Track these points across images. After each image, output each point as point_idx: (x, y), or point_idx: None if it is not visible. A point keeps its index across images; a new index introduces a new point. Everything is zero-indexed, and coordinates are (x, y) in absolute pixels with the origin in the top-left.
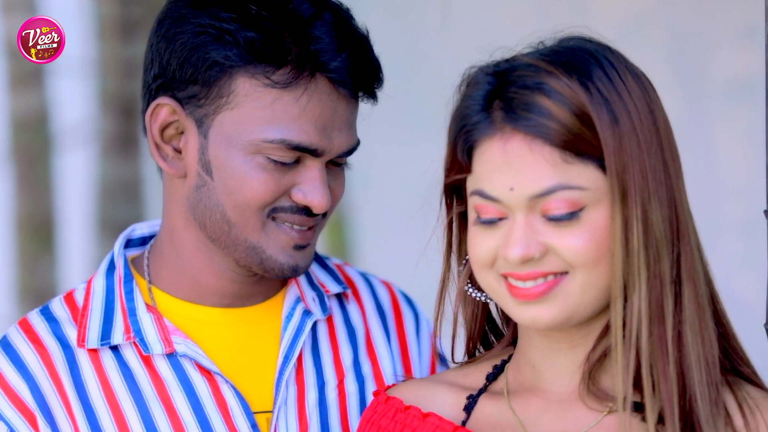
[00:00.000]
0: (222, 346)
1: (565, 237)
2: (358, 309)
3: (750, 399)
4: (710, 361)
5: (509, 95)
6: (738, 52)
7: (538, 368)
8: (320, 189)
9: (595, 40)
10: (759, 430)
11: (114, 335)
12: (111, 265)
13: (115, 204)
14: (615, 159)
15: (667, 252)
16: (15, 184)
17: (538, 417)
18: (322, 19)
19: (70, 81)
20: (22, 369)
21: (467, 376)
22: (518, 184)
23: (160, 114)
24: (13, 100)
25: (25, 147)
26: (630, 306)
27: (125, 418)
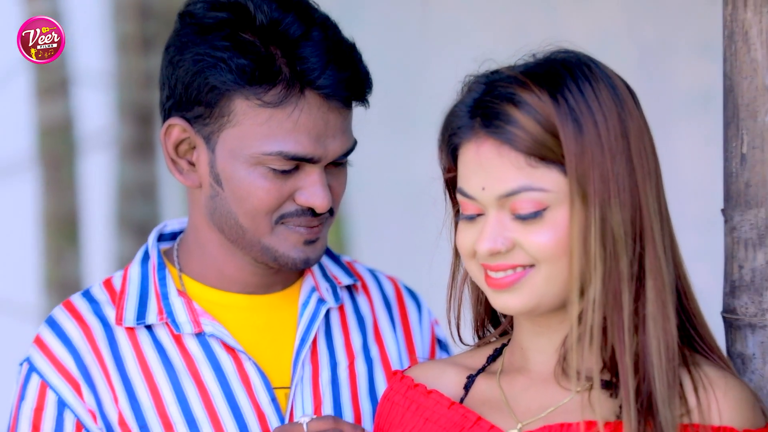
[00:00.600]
0: (245, 328)
1: (530, 234)
2: (366, 300)
3: (705, 379)
4: (669, 349)
5: (486, 103)
6: (697, 65)
7: (525, 350)
8: (320, 191)
9: (578, 53)
10: (710, 407)
11: (148, 316)
12: (145, 255)
13: (132, 203)
14: (576, 165)
15: (626, 251)
16: (42, 186)
17: (521, 394)
18: (310, 38)
19: (92, 92)
20: (67, 343)
21: (472, 358)
22: (488, 184)
23: (173, 133)
24: (41, 110)
25: (51, 152)
26: (587, 298)
27: (159, 389)
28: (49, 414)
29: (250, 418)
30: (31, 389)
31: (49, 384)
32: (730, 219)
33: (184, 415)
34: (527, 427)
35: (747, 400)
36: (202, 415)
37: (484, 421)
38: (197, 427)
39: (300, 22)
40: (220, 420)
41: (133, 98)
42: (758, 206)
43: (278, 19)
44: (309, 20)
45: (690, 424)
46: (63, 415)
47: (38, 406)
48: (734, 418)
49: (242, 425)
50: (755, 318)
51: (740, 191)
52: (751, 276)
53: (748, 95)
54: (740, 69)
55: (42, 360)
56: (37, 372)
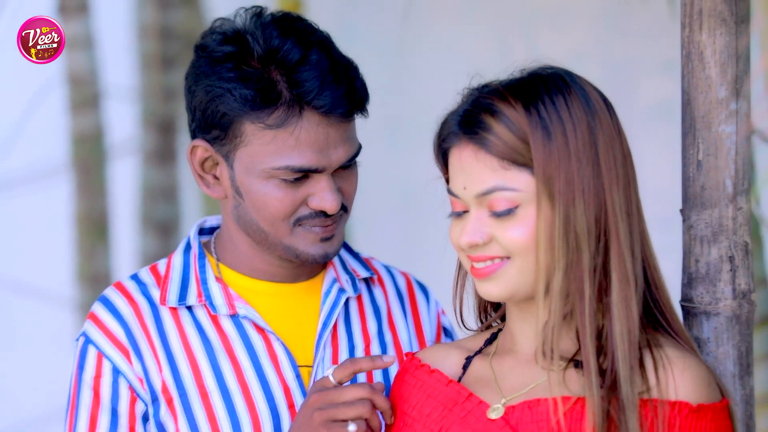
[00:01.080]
0: (274, 312)
1: (505, 229)
2: (381, 292)
3: (665, 359)
4: (632, 333)
5: (469, 113)
6: (659, 81)
7: (513, 333)
8: (329, 196)
9: (558, 69)
10: (668, 384)
11: (189, 297)
12: (187, 246)
13: (155, 204)
14: (543, 168)
15: (588, 245)
16: (76, 189)
17: (508, 372)
18: (307, 62)
19: (119, 105)
20: (118, 317)
21: (473, 341)
22: (468, 184)
23: (197, 152)
24: (74, 121)
25: (83, 159)
26: (551, 288)
27: (198, 362)
28: (106, 380)
29: (276, 391)
30: (90, 359)
31: (104, 354)
32: (687, 218)
33: (219, 386)
34: (509, 403)
35: (703, 377)
36: (235, 386)
37: (474, 396)
38: (230, 397)
39: (299, 47)
40: (250, 391)
41: (156, 111)
42: (712, 207)
43: (277, 47)
44: (307, 44)
45: (650, 399)
46: (118, 381)
47: (96, 374)
48: (690, 394)
49: (270, 397)
50: (710, 306)
51: (696, 194)
52: (706, 269)
53: (704, 108)
54: (696, 85)
55: (97, 333)
56: (93, 344)
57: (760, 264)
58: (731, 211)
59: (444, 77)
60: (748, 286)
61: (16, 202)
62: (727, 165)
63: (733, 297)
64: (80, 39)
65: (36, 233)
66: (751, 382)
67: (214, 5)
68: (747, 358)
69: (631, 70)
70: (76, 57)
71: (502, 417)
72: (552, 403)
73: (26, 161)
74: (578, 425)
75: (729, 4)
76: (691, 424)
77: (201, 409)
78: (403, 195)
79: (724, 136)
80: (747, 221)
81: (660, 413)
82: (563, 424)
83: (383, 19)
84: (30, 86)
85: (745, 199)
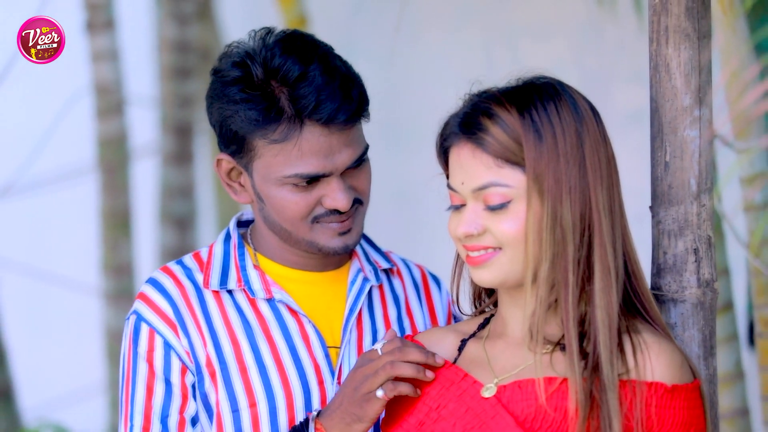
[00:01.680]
0: (305, 297)
1: (497, 222)
2: (399, 282)
3: (643, 343)
4: (612, 319)
5: (468, 115)
6: (629, 90)
7: (504, 318)
8: (339, 196)
9: (551, 78)
10: (645, 366)
11: (229, 282)
12: (227, 236)
13: (173, 202)
14: (533, 167)
15: (573, 239)
16: (101, 188)
17: (499, 355)
18: (307, 78)
19: (141, 111)
20: (166, 296)
21: (468, 325)
22: (466, 180)
23: (222, 165)
24: (100, 126)
25: (108, 160)
26: (538, 276)
27: (238, 341)
28: (159, 354)
29: (308, 369)
30: (143, 335)
31: (156, 329)
32: (656, 214)
33: (256, 362)
34: (501, 382)
35: (677, 360)
36: (271, 363)
37: (469, 376)
38: (266, 372)
39: (299, 64)
40: (284, 368)
41: (174, 116)
42: (678, 204)
43: (278, 67)
44: (307, 60)
45: (629, 380)
46: (170, 354)
47: (149, 348)
48: (665, 375)
49: (302, 374)
50: (677, 294)
51: (664, 192)
52: (673, 260)
53: (670, 114)
54: (663, 93)
55: (147, 311)
56: (144, 321)
57: (722, 255)
58: (696, 208)
59: (434, 84)
60: (711, 275)
61: (47, 200)
62: (691, 166)
63: (697, 285)
64: (106, 52)
65: (65, 228)
66: (714, 362)
67: (228, 21)
68: (710, 341)
69: (605, 79)
70: (102, 68)
71: (495, 395)
72: (539, 383)
73: (57, 162)
74: (562, 404)
75: (692, 22)
76: (667, 403)
77: (240, 382)
78: (398, 195)
79: (689, 140)
80: (710, 217)
81: (638, 393)
82: (543, 402)
83: (379, 30)
84: (60, 95)
85: (708, 197)
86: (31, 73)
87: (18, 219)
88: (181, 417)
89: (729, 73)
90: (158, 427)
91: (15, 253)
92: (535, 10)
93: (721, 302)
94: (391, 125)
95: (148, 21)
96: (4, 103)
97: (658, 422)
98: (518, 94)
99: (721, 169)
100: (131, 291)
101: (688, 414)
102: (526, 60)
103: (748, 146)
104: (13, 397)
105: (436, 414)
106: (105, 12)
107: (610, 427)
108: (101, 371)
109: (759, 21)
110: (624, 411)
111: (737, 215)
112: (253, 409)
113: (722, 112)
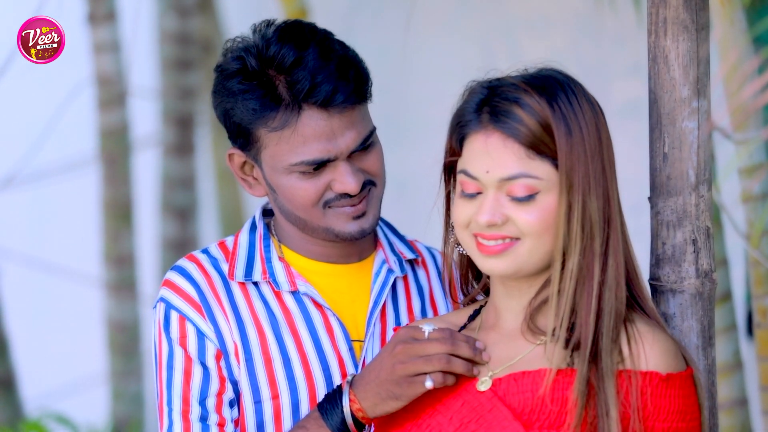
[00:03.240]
0: (330, 290)
1: (522, 212)
2: (424, 272)
3: (637, 333)
4: (618, 312)
5: (494, 103)
6: (628, 82)
7: (498, 309)
8: (348, 179)
9: (565, 72)
10: (640, 356)
11: (254, 274)
12: (253, 226)
13: (174, 193)
14: (566, 160)
15: (599, 232)
16: (103, 179)
17: (493, 346)
18: (302, 63)
19: (142, 103)
20: (191, 281)
21: (457, 316)
22: (492, 168)
23: (234, 159)
24: (102, 117)
25: (110, 151)
26: (566, 268)
27: (264, 332)
28: (192, 340)
29: (332, 362)
30: (173, 322)
31: (186, 316)
32: (655, 205)
33: (281, 353)
34: (496, 375)
35: (670, 349)
36: (295, 356)
37: None
38: (290, 364)
39: (294, 50)
40: (308, 360)
41: (175, 108)
42: (677, 195)
43: (274, 54)
44: (303, 45)
45: (624, 370)
46: (203, 340)
47: (182, 335)
48: (659, 365)
49: (325, 366)
50: (675, 284)
51: (663, 183)
52: (672, 251)
53: (669, 106)
54: (662, 85)
55: (174, 297)
56: (174, 308)
57: (721, 246)
58: (694, 199)
59: (433, 76)
60: (709, 266)
61: (49, 191)
62: (690, 157)
63: (696, 276)
64: (108, 44)
65: (67, 219)
66: (713, 353)
67: (228, 13)
68: (709, 331)
69: (603, 71)
70: (104, 60)
71: (490, 389)
72: (548, 374)
73: (59, 154)
74: (560, 395)
75: (691, 14)
76: (662, 391)
77: (264, 373)
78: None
79: (687, 132)
80: (708, 208)
81: (633, 382)
82: (548, 394)
83: (378, 23)
84: (62, 86)
85: (706, 188)
86: (33, 66)
87: (20, 210)
88: (219, 399)
89: (728, 66)
90: (197, 409)
91: (17, 243)
92: (533, 3)
93: (719, 293)
94: (390, 118)
95: (149, 13)
96: (6, 95)
97: (654, 411)
98: (543, 86)
99: (720, 160)
100: (132, 281)
101: (683, 402)
102: (524, 52)
103: (746, 138)
104: (15, 387)
105: (430, 408)
106: (106, 4)
107: (607, 415)
108: (103, 361)
109: (757, 14)
110: (620, 400)
111: (736, 206)
112: (276, 401)
113: (721, 104)
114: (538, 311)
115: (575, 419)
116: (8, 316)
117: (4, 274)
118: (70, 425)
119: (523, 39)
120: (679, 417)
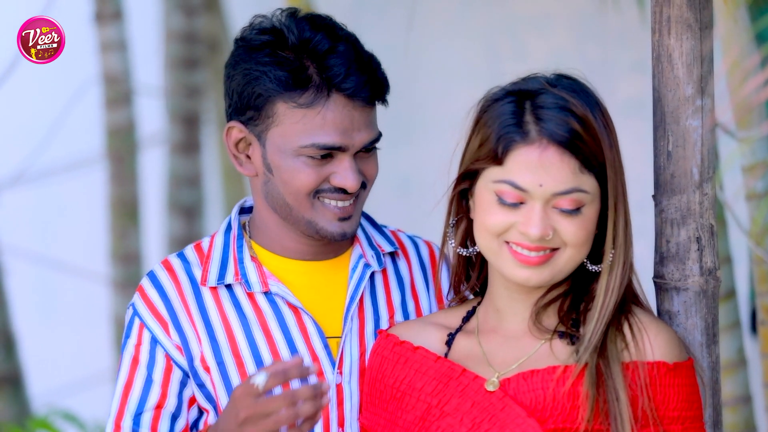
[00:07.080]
0: (304, 289)
1: (568, 224)
2: (405, 264)
3: (639, 322)
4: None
5: (545, 116)
6: (632, 80)
7: (501, 311)
8: (350, 174)
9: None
10: (644, 346)
11: (227, 277)
12: (228, 226)
13: (180, 191)
14: (612, 173)
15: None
16: (110, 177)
17: (497, 349)
18: (336, 51)
19: (149, 101)
20: (160, 291)
21: (446, 317)
22: (547, 182)
23: (232, 133)
24: (109, 115)
25: (117, 149)
26: (612, 275)
27: (234, 335)
28: (145, 348)
29: (306, 360)
30: (134, 328)
31: (146, 324)
32: (659, 203)
33: (253, 356)
34: (503, 376)
35: (673, 339)
36: (267, 355)
37: (469, 371)
38: (263, 365)
39: (328, 39)
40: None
41: (181, 106)
42: (681, 193)
43: (309, 38)
44: (335, 37)
45: (631, 362)
46: (155, 349)
47: (138, 342)
48: (665, 354)
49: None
50: (679, 282)
51: (667, 181)
52: (676, 249)
53: (672, 104)
54: (666, 83)
55: (141, 304)
56: (137, 315)
57: (725, 244)
58: (698, 197)
59: (437, 75)
60: (713, 263)
61: (56, 189)
62: (693, 155)
63: (700, 274)
64: (114, 42)
65: (74, 217)
66: (717, 350)
67: (234, 12)
68: (713, 329)
69: (607, 70)
70: (111, 58)
71: (500, 389)
72: (565, 371)
73: (66, 152)
74: (572, 389)
75: (694, 12)
76: (670, 381)
77: (237, 376)
78: (401, 182)
79: (691, 130)
80: (712, 205)
81: (641, 373)
82: (566, 390)
83: (383, 21)
84: (69, 85)
85: (710, 186)
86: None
87: (27, 208)
88: (157, 412)
89: (730, 63)
90: (129, 423)
91: (24, 241)
92: (537, 1)
93: (723, 290)
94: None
95: (155, 12)
96: (14, 94)
97: (664, 400)
98: (586, 99)
99: (722, 157)
100: (139, 279)
101: (689, 391)
102: (528, 51)
103: (749, 135)
104: (22, 384)
105: (438, 410)
106: (113, 3)
107: (617, 399)
108: (109, 359)
109: (760, 11)
110: (629, 393)
111: (739, 203)
112: None
113: (723, 100)
114: (543, 311)
115: (587, 412)
116: (15, 313)
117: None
118: (77, 422)
119: (527, 37)
120: (686, 406)
